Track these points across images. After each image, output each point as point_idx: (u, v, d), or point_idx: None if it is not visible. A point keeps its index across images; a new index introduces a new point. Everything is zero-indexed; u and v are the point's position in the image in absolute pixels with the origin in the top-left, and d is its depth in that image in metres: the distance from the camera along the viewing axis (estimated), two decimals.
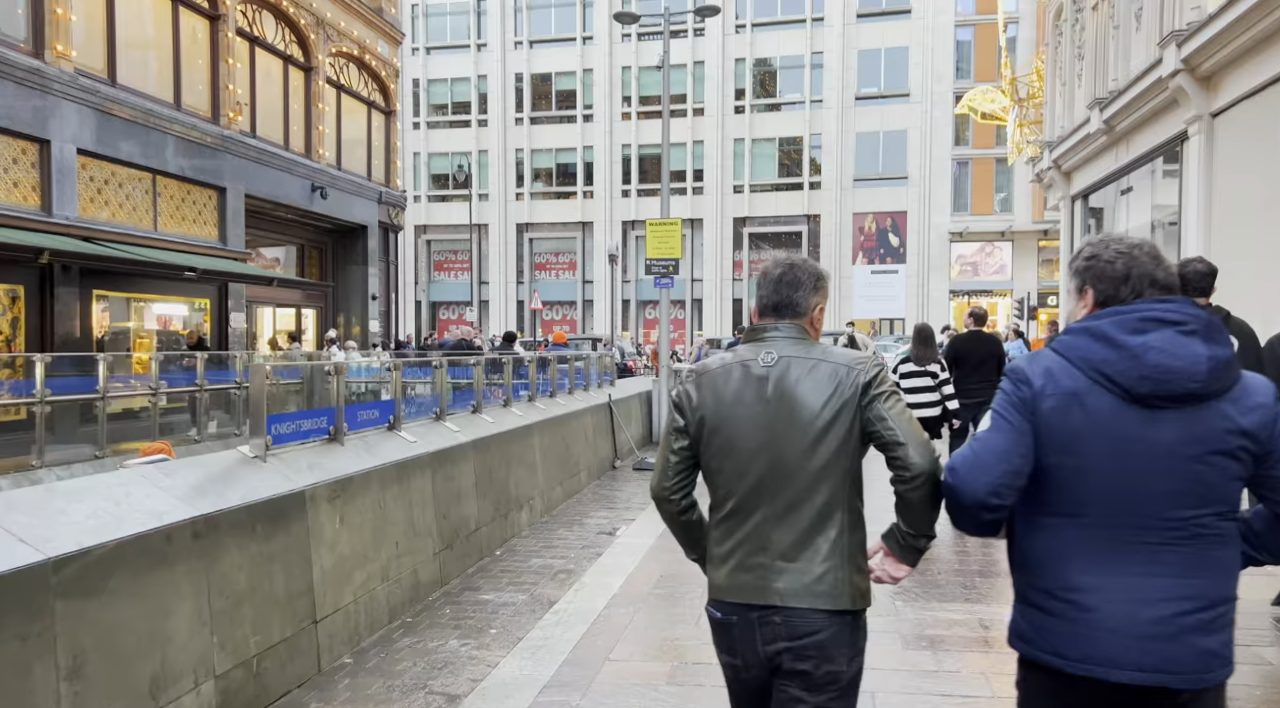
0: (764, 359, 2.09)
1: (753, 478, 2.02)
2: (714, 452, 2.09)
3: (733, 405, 2.06)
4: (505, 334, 12.75)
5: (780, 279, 2.17)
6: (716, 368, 2.15)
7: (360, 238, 20.86)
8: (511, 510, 7.17)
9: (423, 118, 44.49)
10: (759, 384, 2.06)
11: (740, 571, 2.02)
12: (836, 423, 1.98)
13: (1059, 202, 17.10)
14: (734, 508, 2.05)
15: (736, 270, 40.57)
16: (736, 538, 2.04)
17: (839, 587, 1.97)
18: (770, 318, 2.17)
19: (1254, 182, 9.80)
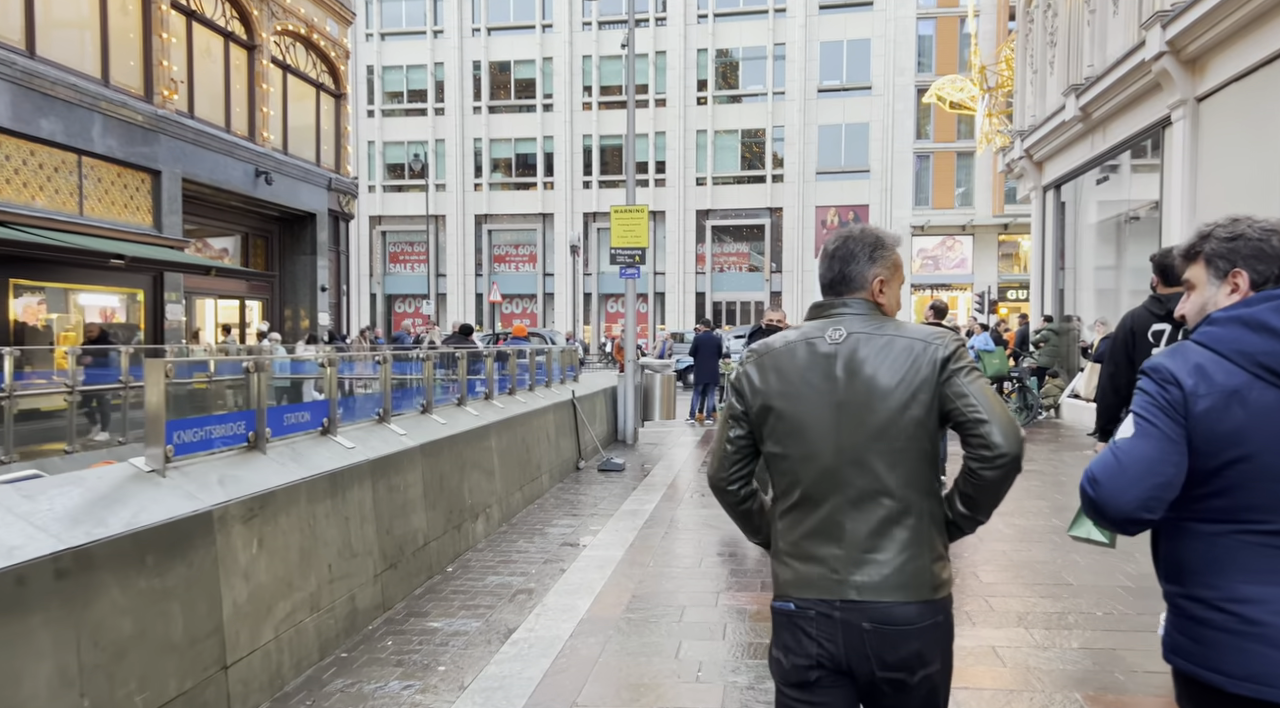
0: (831, 336, 1.93)
1: (822, 464, 1.88)
2: (778, 437, 1.94)
3: (799, 387, 1.92)
4: (461, 327, 12.01)
5: (834, 254, 2.03)
6: (779, 347, 1.98)
7: (309, 226, 19.88)
8: (466, 521, 6.49)
9: (377, 106, 43.36)
10: (827, 363, 1.91)
11: (812, 564, 1.88)
12: (913, 402, 1.85)
13: (1030, 192, 16.78)
14: (802, 497, 1.91)
15: (699, 263, 40.18)
16: (806, 529, 1.90)
17: (922, 576, 1.84)
18: (830, 294, 2.03)
19: (1242, 167, 9.44)
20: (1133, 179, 12.98)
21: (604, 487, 9.06)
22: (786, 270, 39.27)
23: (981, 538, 6.18)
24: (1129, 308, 5.68)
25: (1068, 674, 3.91)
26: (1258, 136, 9.01)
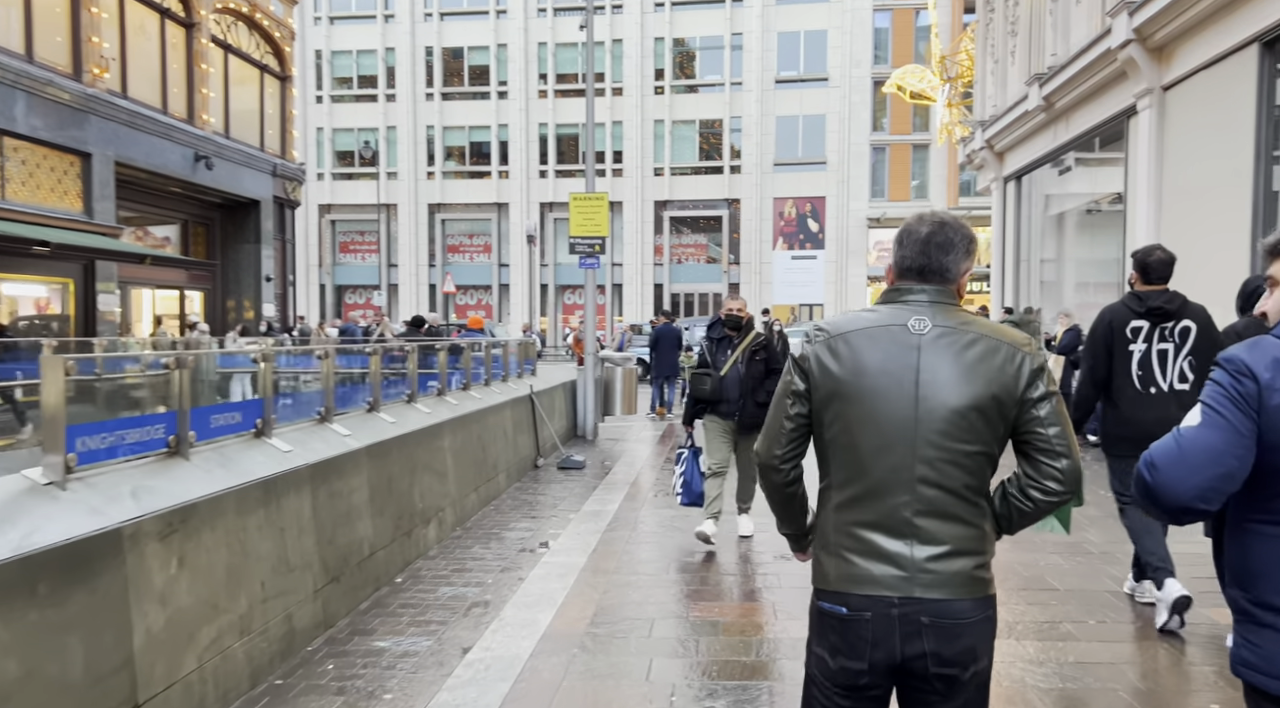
0: (915, 326, 1.86)
1: (895, 458, 1.83)
2: (847, 424, 1.87)
3: (877, 375, 1.85)
4: (413, 319, 11.48)
5: (929, 240, 1.93)
6: (857, 329, 1.90)
7: (252, 214, 19.08)
8: (417, 527, 6.05)
9: (326, 91, 42.22)
10: (909, 354, 1.84)
11: (875, 560, 1.82)
12: (995, 407, 1.82)
13: (991, 183, 16.71)
14: (868, 489, 1.85)
15: (657, 255, 39.88)
16: (869, 523, 1.84)
17: (982, 573, 1.85)
18: (910, 280, 1.94)
19: (1210, 157, 9.34)
20: (1095, 171, 12.93)
21: (564, 486, 8.68)
22: (744, 262, 39.15)
23: None
24: (1090, 301, 5.53)
25: (1070, 697, 3.64)
26: (1226, 125, 8.91)
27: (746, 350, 5.89)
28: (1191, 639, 4.24)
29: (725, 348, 5.93)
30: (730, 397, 5.86)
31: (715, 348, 5.94)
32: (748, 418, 5.84)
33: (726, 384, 5.85)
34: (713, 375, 5.86)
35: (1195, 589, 4.44)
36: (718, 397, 5.85)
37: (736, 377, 5.85)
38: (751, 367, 5.86)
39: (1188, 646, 4.17)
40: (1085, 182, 13.81)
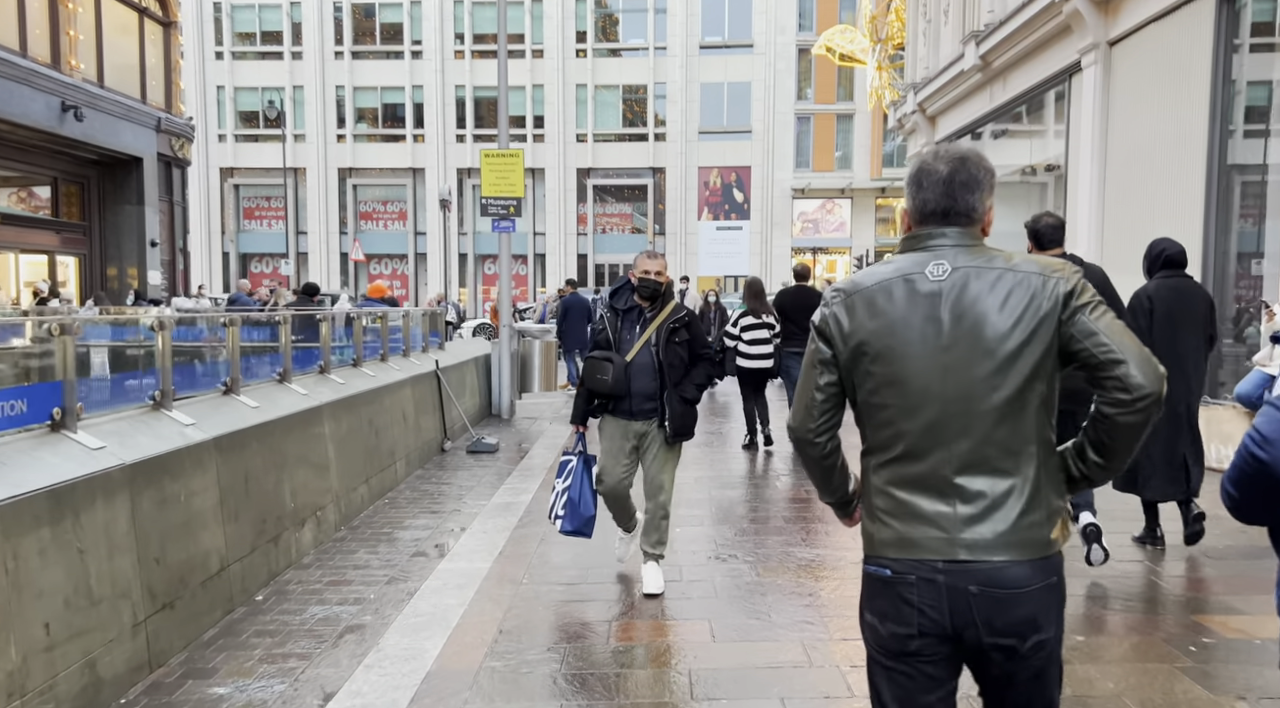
0: (933, 272, 1.74)
1: (929, 414, 1.71)
2: (875, 385, 1.77)
3: (899, 330, 1.73)
4: (304, 286, 10.31)
5: (951, 179, 1.78)
6: (871, 285, 1.79)
7: (134, 172, 17.32)
8: (287, 530, 5.09)
9: (227, 47, 39.66)
10: (930, 302, 1.72)
11: (917, 522, 1.72)
12: (1032, 343, 1.68)
13: (923, 147, 16.23)
14: (905, 451, 1.75)
15: (580, 224, 38.84)
16: (909, 484, 1.74)
17: (1035, 533, 1.69)
18: (934, 224, 1.80)
19: (1156, 114, 8.87)
20: (1033, 134, 12.49)
21: (473, 473, 7.77)
22: (670, 233, 38.46)
23: None
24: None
25: None
26: (1174, 81, 8.44)
27: (663, 328, 4.36)
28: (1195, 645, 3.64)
29: (633, 324, 4.40)
30: (641, 390, 4.36)
31: (621, 323, 4.41)
32: (673, 422, 4.36)
33: (635, 373, 4.34)
34: (614, 362, 4.31)
35: None
36: (622, 391, 4.32)
37: (649, 363, 4.35)
38: (670, 350, 4.36)
39: None
40: (1013, 151, 13.40)
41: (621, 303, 4.49)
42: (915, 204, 1.82)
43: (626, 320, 4.43)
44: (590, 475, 4.57)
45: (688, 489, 6.90)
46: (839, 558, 5.09)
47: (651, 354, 4.36)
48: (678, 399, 4.37)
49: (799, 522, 5.91)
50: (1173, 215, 8.43)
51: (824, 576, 4.78)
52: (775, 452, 8.59)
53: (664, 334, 4.37)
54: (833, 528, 5.72)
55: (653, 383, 4.37)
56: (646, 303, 4.44)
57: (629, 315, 4.44)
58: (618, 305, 4.49)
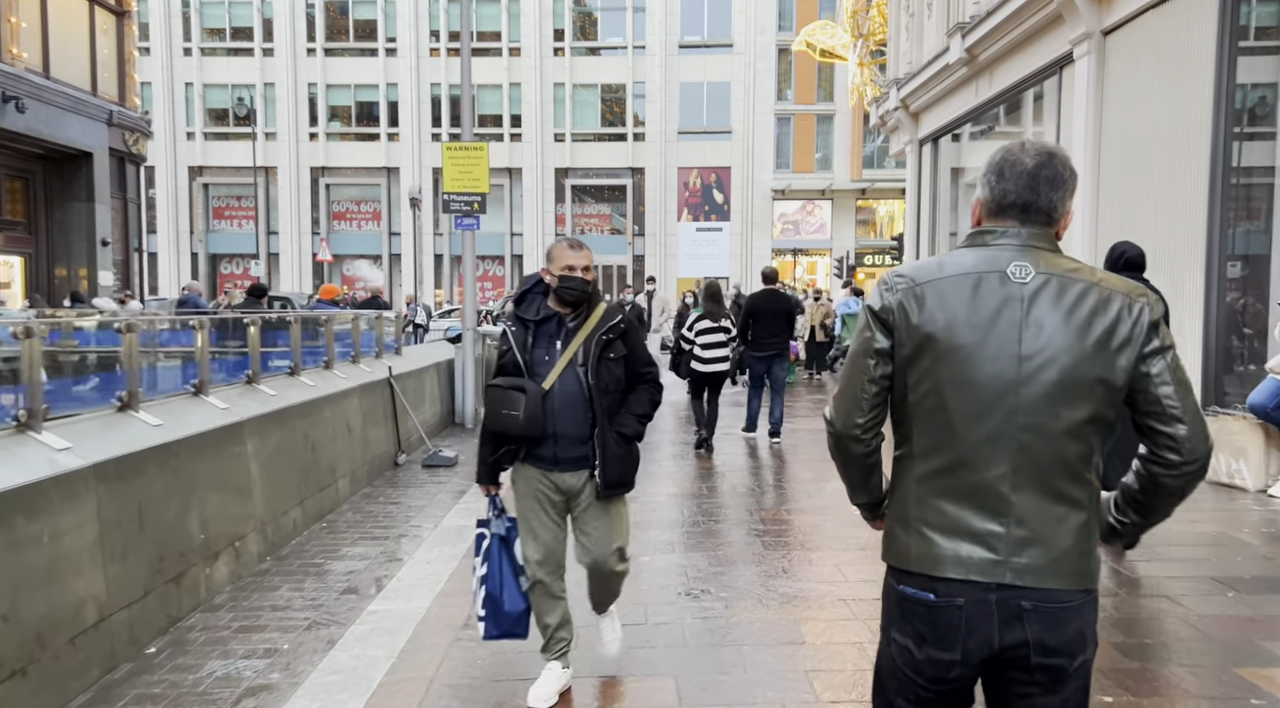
0: (1016, 273, 1.63)
1: (992, 424, 1.60)
2: (937, 384, 1.64)
3: (975, 328, 1.62)
4: (251, 287, 9.59)
5: (1037, 173, 1.68)
6: (947, 276, 1.66)
7: (83, 168, 16.51)
8: (193, 567, 4.45)
9: (195, 43, 38.78)
10: (1011, 305, 1.61)
11: (963, 540, 1.61)
12: (1113, 367, 1.59)
13: (905, 146, 15.75)
14: (958, 459, 1.63)
15: (559, 224, 38.24)
16: (958, 497, 1.63)
17: (1086, 561, 1.63)
18: (1011, 220, 1.70)
19: (1154, 107, 8.39)
20: (1022, 129, 12.01)
21: (426, 490, 7.15)
22: (649, 233, 37.97)
23: None
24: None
25: None
26: (1179, 70, 7.95)
27: (593, 342, 3.22)
28: None
29: (550, 339, 3.24)
30: (566, 430, 3.18)
31: (533, 339, 3.24)
32: (607, 468, 3.20)
33: (557, 406, 3.17)
34: (527, 391, 3.12)
35: None
36: (538, 431, 3.14)
37: (576, 391, 3.19)
38: (604, 371, 3.22)
39: None
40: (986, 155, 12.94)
41: (533, 312, 3.27)
42: (994, 194, 1.70)
43: (541, 335, 3.24)
44: (512, 556, 3.33)
45: (661, 508, 6.32)
46: (824, 594, 4.53)
47: (579, 378, 3.18)
48: (614, 438, 3.20)
49: (779, 549, 5.34)
50: (1172, 214, 7.95)
51: (808, 616, 4.21)
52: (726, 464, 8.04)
53: (594, 350, 3.19)
54: (816, 556, 5.16)
55: (582, 418, 3.18)
56: (568, 309, 3.25)
57: (544, 328, 3.24)
58: (527, 315, 3.26)
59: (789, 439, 9.39)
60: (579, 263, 3.20)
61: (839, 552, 5.22)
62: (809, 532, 5.69)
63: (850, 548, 5.31)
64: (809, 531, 5.72)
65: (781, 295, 9.12)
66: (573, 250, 3.22)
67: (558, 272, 3.21)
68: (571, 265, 3.20)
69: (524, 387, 3.12)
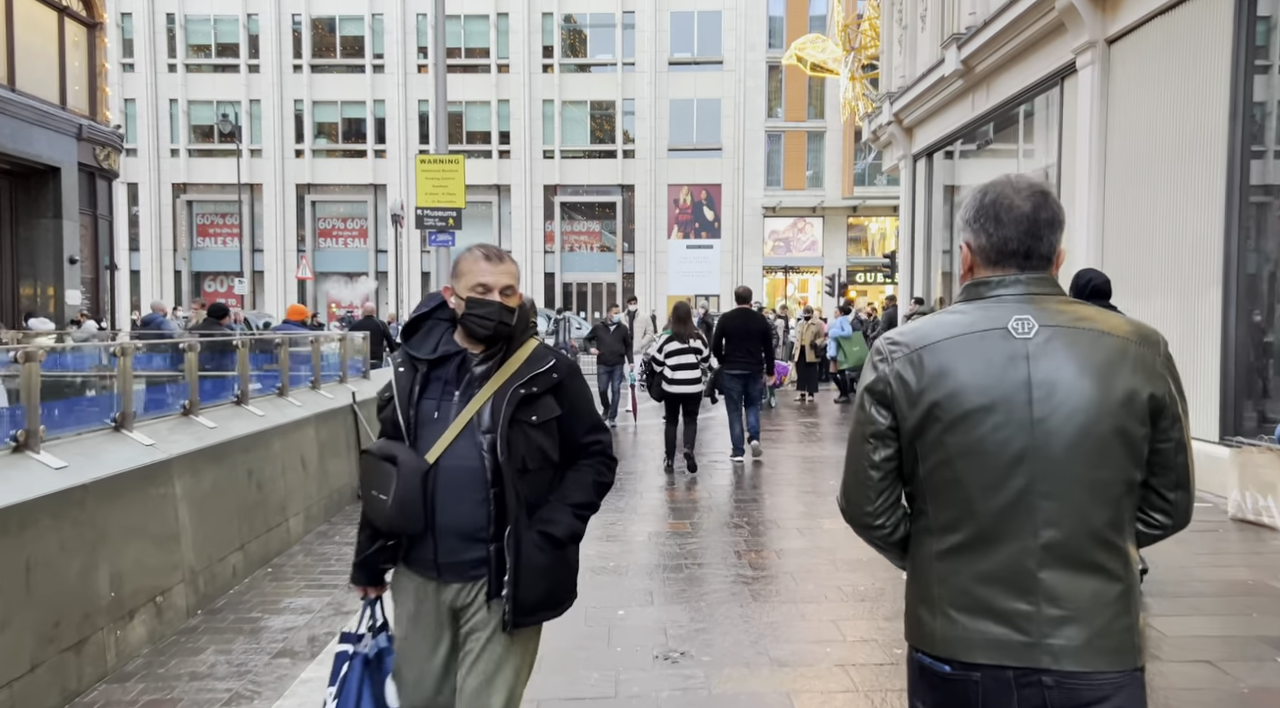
0: (1018, 328, 1.52)
1: (1010, 494, 1.48)
2: (947, 457, 1.52)
3: (978, 394, 1.50)
4: (211, 308, 9.02)
5: (1036, 217, 1.57)
6: (944, 339, 1.54)
7: (50, 183, 15.96)
8: (99, 631, 3.89)
9: (180, 59, 38.39)
10: (1017, 364, 1.49)
11: (989, 620, 1.48)
12: (1133, 421, 1.48)
13: (899, 161, 15.35)
14: (977, 534, 1.51)
15: (548, 241, 37.84)
16: (980, 575, 1.50)
17: (1128, 636, 1.49)
18: (1010, 268, 1.58)
19: (1162, 118, 7.95)
20: (1021, 143, 11.60)
21: None
22: (639, 251, 37.59)
23: None
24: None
25: None
26: (1190, 78, 7.53)
27: (508, 397, 2.22)
28: None
29: (447, 388, 2.27)
30: (454, 524, 2.20)
31: (420, 387, 2.27)
32: (522, 585, 2.18)
33: (442, 487, 2.19)
34: (400, 464, 2.15)
35: None
36: (416, 526, 2.18)
37: (475, 467, 2.20)
38: (520, 439, 2.21)
39: None
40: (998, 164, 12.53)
41: (428, 348, 2.29)
42: (993, 242, 1.59)
43: (434, 381, 2.26)
44: (378, 692, 2.32)
45: (640, 549, 5.79)
46: (820, 657, 4.00)
47: (480, 449, 2.17)
48: (535, 541, 2.18)
49: (768, 600, 4.82)
50: (1185, 230, 7.51)
51: (802, 687, 3.69)
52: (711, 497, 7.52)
53: (507, 409, 2.18)
54: (810, 610, 4.63)
55: (479, 508, 2.17)
56: (479, 347, 2.26)
57: (440, 371, 2.26)
58: (419, 352, 2.28)
59: (780, 468, 8.89)
60: (496, 281, 2.20)
61: (836, 604, 4.70)
62: (801, 578, 5.17)
63: (848, 598, 4.79)
64: (801, 576, 5.20)
65: (754, 315, 9.20)
66: (488, 263, 2.23)
67: (465, 293, 2.21)
68: (485, 285, 2.20)
69: (397, 457, 2.12)
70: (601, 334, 11.40)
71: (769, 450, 9.91)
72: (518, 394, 2.20)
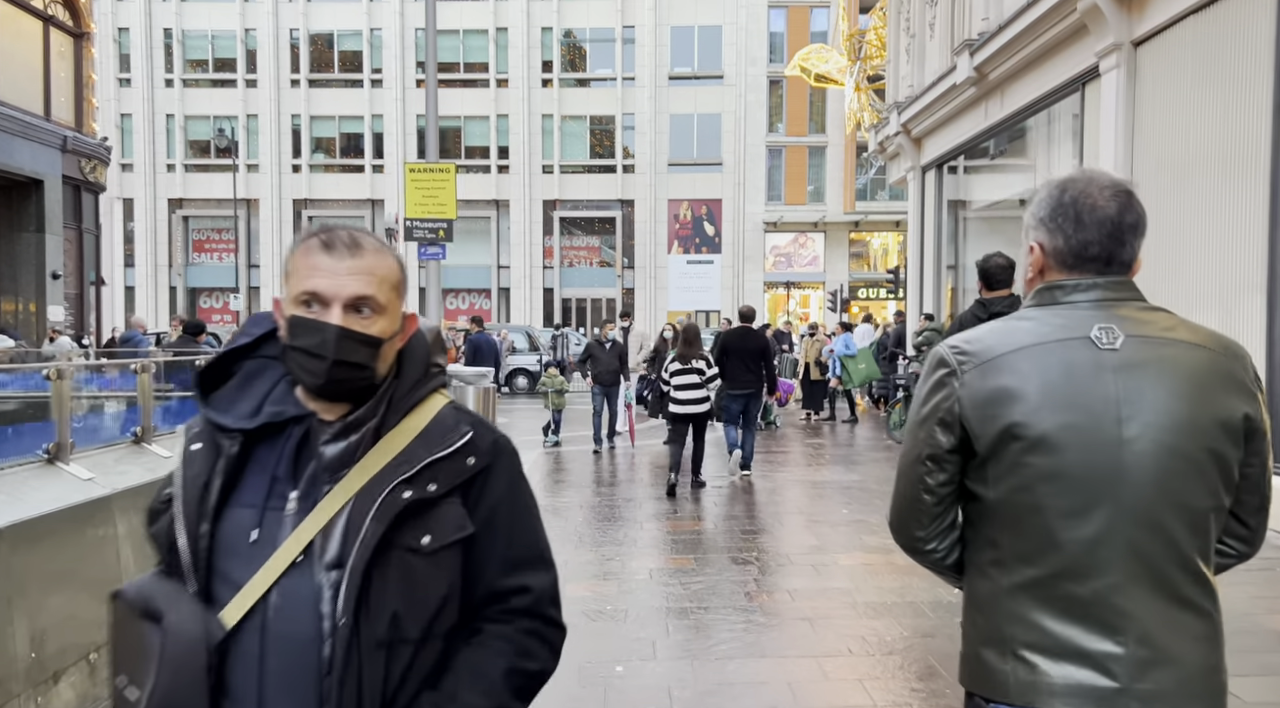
0: (1102, 338, 1.37)
1: (1099, 523, 1.33)
2: (1027, 481, 1.35)
3: (1064, 409, 1.34)
4: (185, 324, 8.47)
5: (1121, 220, 1.42)
6: (1018, 349, 1.38)
7: (33, 196, 15.54)
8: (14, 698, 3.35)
9: (177, 74, 38.19)
10: (1103, 378, 1.34)
11: (1073, 663, 1.33)
12: (1226, 441, 1.35)
13: (907, 173, 14.91)
14: (1062, 567, 1.35)
15: (547, 257, 37.46)
16: (1064, 612, 1.34)
17: (1218, 677, 1.37)
18: (1087, 272, 1.43)
19: (1199, 126, 7.49)
20: (1036, 153, 11.15)
21: None
22: (639, 266, 37.21)
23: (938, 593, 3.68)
24: None
25: None
26: (1228, 80, 7.08)
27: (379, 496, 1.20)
28: None
29: (276, 477, 1.25)
30: None
31: (229, 478, 1.24)
32: None
33: (250, 676, 1.17)
34: (166, 630, 1.15)
35: None
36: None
37: (309, 633, 1.17)
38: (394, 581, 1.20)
39: None
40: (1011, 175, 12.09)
41: (244, 410, 1.28)
42: (1070, 245, 1.42)
43: (254, 472, 1.26)
44: None
45: (639, 589, 5.27)
46: None
47: (317, 601, 1.18)
48: None
49: (785, 656, 4.29)
50: (1223, 238, 7.02)
51: None
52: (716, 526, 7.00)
53: (375, 524, 1.20)
54: (831, 667, 4.09)
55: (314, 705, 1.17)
56: (333, 409, 1.27)
57: (264, 453, 1.27)
58: (228, 419, 1.27)
59: (787, 493, 8.37)
60: (335, 289, 1.23)
61: (861, 659, 4.17)
62: (820, 625, 4.64)
63: (874, 651, 4.26)
64: (820, 623, 4.67)
65: (753, 333, 9.31)
66: (327, 255, 1.24)
67: (292, 308, 1.25)
68: (317, 294, 1.23)
69: (165, 617, 1.17)
70: (597, 353, 10.80)
71: (773, 474, 9.42)
72: (397, 499, 1.21)
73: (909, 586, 5.32)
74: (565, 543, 6.50)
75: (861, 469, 9.78)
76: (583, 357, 11.01)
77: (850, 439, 12.55)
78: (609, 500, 8.09)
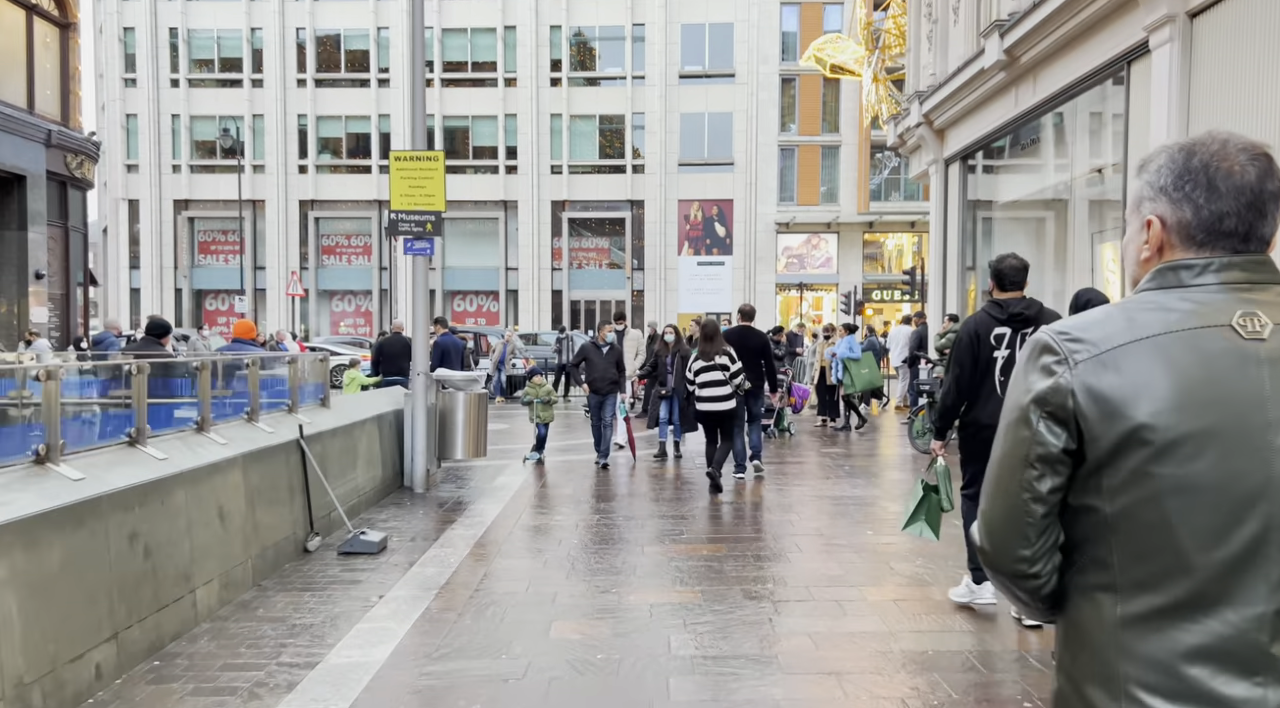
0: (1246, 325, 1.18)
1: (1240, 543, 1.14)
2: (1155, 491, 1.16)
3: (1203, 408, 1.14)
4: (149, 324, 7.80)
5: (1262, 188, 1.23)
6: (1147, 336, 1.19)
7: (14, 192, 14.95)
8: None
9: (183, 74, 37.82)
10: (1246, 371, 1.15)
11: (1198, 707, 1.14)
12: None
13: (929, 166, 14.11)
14: (1194, 594, 1.16)
15: (555, 258, 36.84)
16: (1191, 649, 1.15)
17: None
18: (1221, 250, 1.24)
19: (1268, 105, 6.71)
20: (1073, 141, 10.34)
21: (329, 595, 5.34)
22: (649, 268, 36.52)
23: None
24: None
25: None
26: None
27: None
28: None
29: None
30: None
31: None
32: None
33: None
34: None
35: None
36: None
37: None
38: None
39: None
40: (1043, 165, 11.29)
41: None
42: (1202, 217, 1.22)
43: None
44: None
45: (642, 631, 4.52)
46: None
47: None
48: None
49: None
50: None
51: None
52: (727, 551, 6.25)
53: None
54: None
55: None
56: None
57: None
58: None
59: (803, 510, 7.61)
60: None
61: None
62: (851, 685, 3.88)
63: None
64: (851, 682, 3.91)
65: (753, 331, 9.26)
66: None
67: None
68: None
69: None
70: (592, 356, 9.93)
71: (788, 488, 8.68)
72: None
73: (950, 629, 4.56)
74: (555, 570, 5.77)
75: (883, 483, 9.01)
76: (576, 359, 10.21)
77: (870, 449, 11.77)
78: (607, 519, 7.35)
